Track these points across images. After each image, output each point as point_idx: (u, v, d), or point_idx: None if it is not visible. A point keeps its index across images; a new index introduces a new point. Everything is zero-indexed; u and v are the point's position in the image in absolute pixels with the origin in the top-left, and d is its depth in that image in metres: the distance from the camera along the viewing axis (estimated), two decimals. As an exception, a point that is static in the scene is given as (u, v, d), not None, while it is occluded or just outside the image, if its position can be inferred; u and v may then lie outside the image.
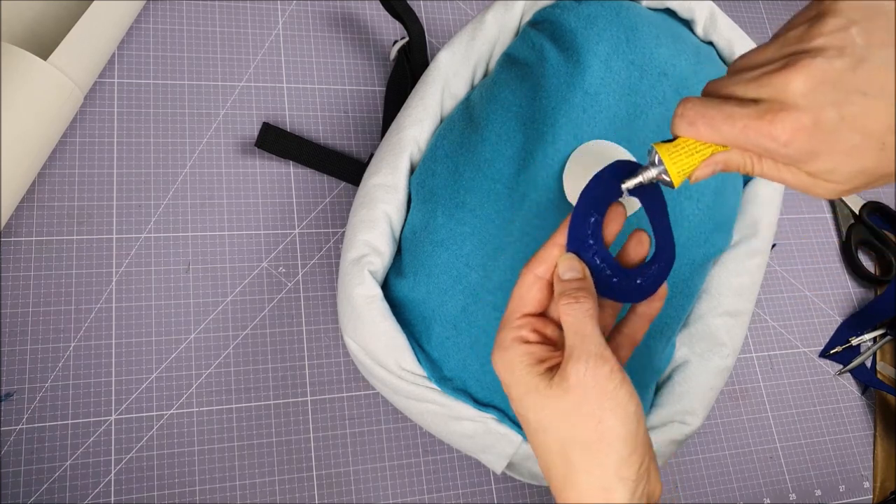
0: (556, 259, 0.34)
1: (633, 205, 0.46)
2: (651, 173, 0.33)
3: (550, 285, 0.34)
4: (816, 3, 0.29)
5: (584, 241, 0.34)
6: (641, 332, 0.37)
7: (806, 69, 0.27)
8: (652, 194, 0.36)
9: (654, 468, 0.32)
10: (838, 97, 0.27)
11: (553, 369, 0.32)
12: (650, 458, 0.32)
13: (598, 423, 0.30)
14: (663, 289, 0.36)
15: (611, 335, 0.37)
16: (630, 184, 0.34)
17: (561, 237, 0.34)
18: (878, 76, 0.27)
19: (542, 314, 0.35)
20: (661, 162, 0.32)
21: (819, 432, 0.61)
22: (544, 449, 0.32)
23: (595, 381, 0.30)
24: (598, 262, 0.34)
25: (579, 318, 0.32)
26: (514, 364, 0.33)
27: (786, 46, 0.29)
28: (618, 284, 0.35)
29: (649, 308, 0.36)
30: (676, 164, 0.32)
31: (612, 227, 0.35)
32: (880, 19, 0.27)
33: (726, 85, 0.30)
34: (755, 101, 0.29)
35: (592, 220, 0.34)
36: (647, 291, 0.35)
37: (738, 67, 0.31)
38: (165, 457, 0.48)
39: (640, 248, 0.36)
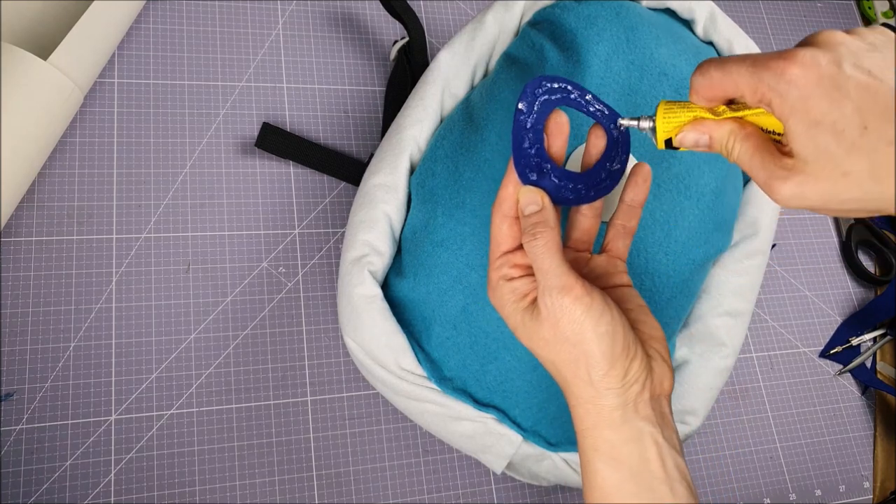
0: (514, 195, 0.36)
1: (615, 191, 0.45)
2: (644, 124, 0.35)
3: (518, 220, 0.36)
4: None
5: (533, 170, 0.35)
6: (635, 220, 0.39)
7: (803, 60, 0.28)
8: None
9: (655, 365, 0.35)
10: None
11: (536, 301, 0.35)
12: (642, 358, 0.34)
13: (573, 346, 0.33)
14: (646, 169, 0.38)
15: (607, 229, 0.39)
16: (624, 122, 0.36)
17: (514, 174, 0.36)
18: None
19: (520, 247, 0.36)
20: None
21: (819, 432, 0.61)
22: (545, 365, 0.36)
23: (562, 311, 0.33)
24: (556, 181, 0.35)
25: (539, 254, 0.34)
26: (503, 301, 0.36)
27: None
28: (584, 190, 0.36)
29: (636, 194, 0.38)
30: (667, 122, 0.33)
31: (558, 142, 0.36)
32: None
33: None
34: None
35: (532, 150, 0.35)
36: (616, 178, 0.37)
37: None
38: (165, 457, 0.48)
39: (599, 141, 0.37)
